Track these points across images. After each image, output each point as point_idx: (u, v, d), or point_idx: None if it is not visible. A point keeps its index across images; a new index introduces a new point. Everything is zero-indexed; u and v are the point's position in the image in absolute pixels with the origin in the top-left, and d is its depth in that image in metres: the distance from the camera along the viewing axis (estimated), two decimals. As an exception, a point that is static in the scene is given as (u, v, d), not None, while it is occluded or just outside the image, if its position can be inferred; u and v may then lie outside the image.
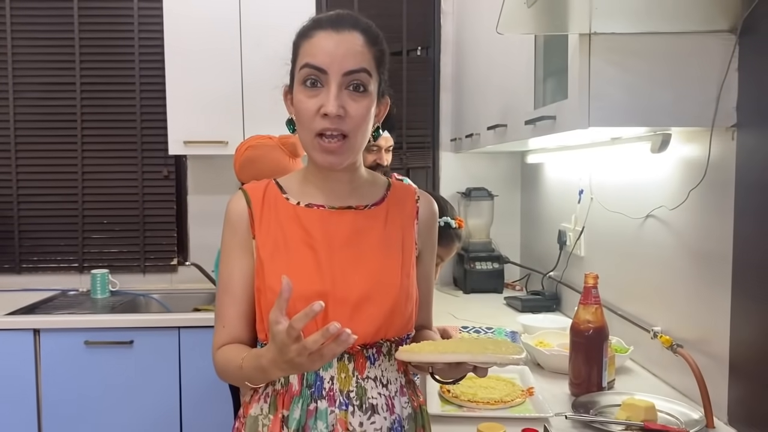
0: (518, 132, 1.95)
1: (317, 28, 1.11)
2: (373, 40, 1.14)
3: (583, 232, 2.33)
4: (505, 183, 3.27)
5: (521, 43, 1.93)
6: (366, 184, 1.25)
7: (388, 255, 1.19)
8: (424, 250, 1.28)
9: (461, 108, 3.01)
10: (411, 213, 1.25)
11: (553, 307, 2.62)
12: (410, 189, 1.29)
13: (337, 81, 1.09)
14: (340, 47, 1.09)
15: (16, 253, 3.24)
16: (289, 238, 1.17)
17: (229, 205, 1.21)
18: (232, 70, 2.86)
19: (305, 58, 1.10)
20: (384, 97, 1.20)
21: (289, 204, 1.20)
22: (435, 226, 1.30)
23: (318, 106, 1.09)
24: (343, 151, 1.12)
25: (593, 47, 1.42)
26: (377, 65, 1.14)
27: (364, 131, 1.14)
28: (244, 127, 2.88)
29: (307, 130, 1.12)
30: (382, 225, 1.21)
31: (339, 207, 1.20)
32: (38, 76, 3.19)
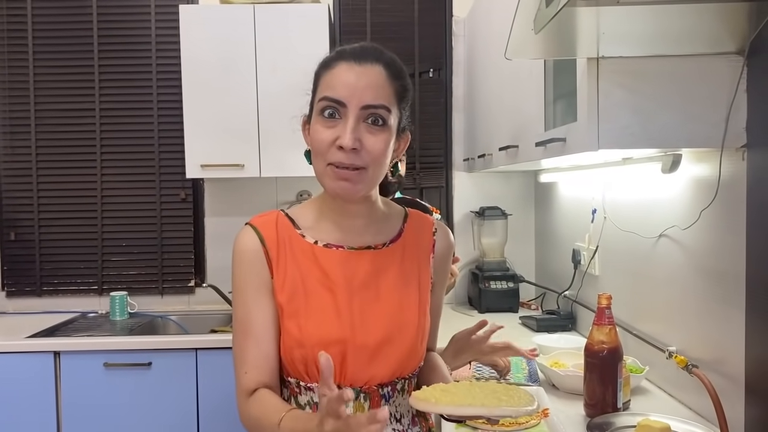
0: (529, 153, 1.97)
1: (339, 60, 1.10)
2: (395, 74, 1.12)
3: (597, 251, 2.33)
4: (518, 202, 3.28)
5: (531, 66, 1.95)
6: (383, 217, 1.23)
7: (405, 294, 1.19)
8: (437, 283, 1.28)
9: (473, 128, 3.03)
10: (427, 247, 1.25)
11: (568, 327, 2.61)
12: (427, 221, 1.28)
13: (355, 114, 1.07)
14: (360, 80, 1.07)
15: (37, 276, 3.29)
16: (307, 280, 1.14)
17: (238, 242, 1.17)
18: (247, 95, 2.91)
19: (325, 91, 1.09)
20: (405, 132, 1.19)
21: (305, 243, 1.17)
22: (450, 259, 1.30)
23: (334, 137, 1.07)
24: (358, 181, 1.09)
25: (601, 71, 1.44)
26: (398, 100, 1.12)
27: (381, 165, 1.11)
28: (259, 150, 2.93)
29: (320, 160, 1.10)
30: (399, 262, 1.20)
31: (358, 247, 1.17)
32: (59, 103, 3.26)
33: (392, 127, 1.12)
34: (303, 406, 1.15)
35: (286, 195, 3.31)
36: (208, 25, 2.91)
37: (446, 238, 1.29)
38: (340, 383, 1.11)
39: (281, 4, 2.92)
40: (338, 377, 1.11)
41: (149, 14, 3.26)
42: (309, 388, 1.14)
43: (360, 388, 1.13)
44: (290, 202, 3.30)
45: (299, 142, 1.21)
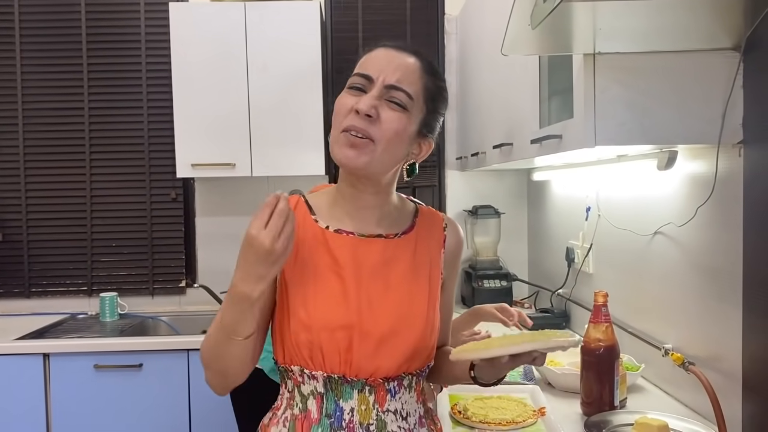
0: (524, 151, 1.96)
1: (380, 47, 1.14)
2: (429, 71, 1.15)
3: (591, 249, 2.33)
4: (511, 200, 3.27)
5: (526, 63, 1.94)
6: (395, 210, 1.22)
7: (416, 286, 1.18)
8: (448, 279, 1.27)
9: (466, 127, 3.02)
10: (438, 241, 1.24)
11: (562, 325, 2.61)
12: (437, 216, 1.28)
13: (379, 89, 1.09)
14: (392, 62, 1.11)
15: (25, 278, 3.25)
16: (316, 263, 1.14)
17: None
18: (238, 93, 2.89)
19: (358, 68, 1.13)
20: (428, 138, 1.18)
21: (317, 227, 1.17)
22: (460, 254, 1.30)
23: (353, 103, 1.09)
24: (364, 152, 1.08)
25: (598, 66, 1.43)
26: (426, 96, 1.14)
27: (393, 144, 1.10)
28: (251, 149, 2.90)
29: (336, 127, 1.11)
30: (411, 254, 1.19)
31: (369, 235, 1.17)
32: (47, 102, 3.23)
33: (412, 117, 1.12)
34: (306, 396, 1.14)
35: (278, 194, 3.28)
36: (198, 22, 2.88)
37: (456, 234, 1.28)
38: (346, 372, 1.11)
39: (272, 2, 2.89)
40: (343, 365, 1.11)
41: (139, 12, 3.23)
42: (313, 376, 1.13)
43: (365, 380, 1.12)
44: (282, 201, 3.27)
45: (291, 141, 1.20)
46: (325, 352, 1.10)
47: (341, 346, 1.10)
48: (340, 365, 1.11)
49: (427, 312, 1.17)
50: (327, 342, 1.10)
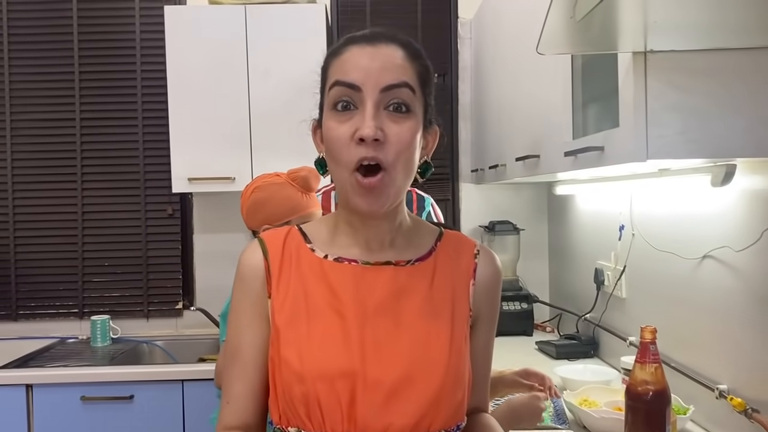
0: (554, 164, 1.76)
1: (348, 44, 0.95)
2: (414, 54, 0.96)
3: (625, 271, 2.12)
4: (530, 215, 3.06)
5: (555, 66, 1.74)
6: (410, 232, 1.03)
7: (434, 325, 0.97)
8: (482, 319, 1.04)
9: (483, 138, 2.82)
10: (466, 271, 1.03)
11: (590, 353, 2.39)
12: (468, 242, 1.07)
13: (373, 99, 0.90)
14: (375, 60, 0.92)
15: (12, 299, 3.05)
16: (312, 300, 0.96)
17: (241, 257, 1.02)
18: (239, 102, 2.70)
19: (335, 76, 0.93)
20: (432, 126, 1.00)
21: (314, 257, 1.00)
22: (497, 290, 1.06)
23: (352, 131, 0.90)
24: (383, 189, 0.91)
25: (650, 67, 1.23)
26: (421, 82, 0.95)
27: (408, 161, 0.93)
28: (252, 161, 2.71)
29: (341, 166, 0.92)
30: (428, 285, 0.99)
31: (375, 262, 0.99)
32: (36, 113, 3.04)
33: (418, 115, 0.94)
34: None
35: (281, 210, 3.08)
36: (195, 27, 2.69)
37: (492, 264, 1.05)
38: (350, 431, 0.91)
39: (275, 5, 2.71)
40: (347, 422, 0.90)
41: (133, 17, 3.04)
42: None
43: None
44: (285, 217, 3.07)
45: (295, 153, 1.00)
46: (323, 408, 0.90)
47: (342, 400, 0.90)
48: (342, 423, 0.90)
49: (449, 357, 0.95)
50: (325, 395, 0.90)
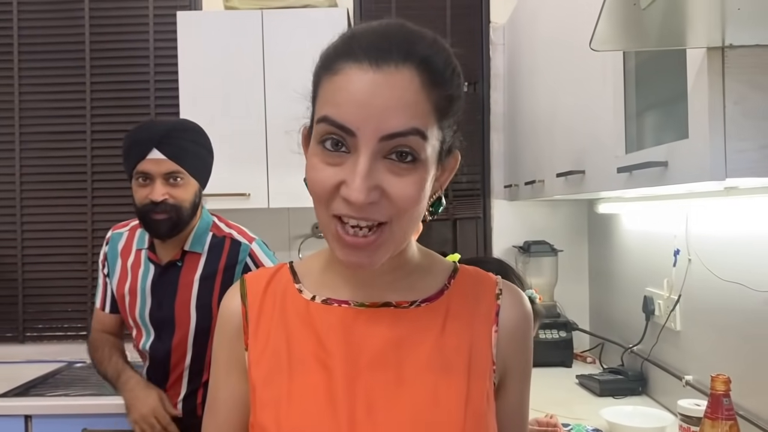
0: (603, 181, 1.54)
1: (348, 58, 0.71)
2: (434, 79, 0.71)
3: (680, 301, 1.88)
4: (568, 235, 2.82)
5: (604, 70, 1.53)
6: (418, 269, 0.84)
7: (446, 380, 0.77)
8: (511, 373, 0.84)
9: (517, 150, 2.60)
10: (487, 315, 0.83)
11: (638, 390, 2.15)
12: (488, 279, 0.87)
13: (370, 148, 0.69)
14: (378, 95, 0.68)
15: (19, 320, 2.92)
16: (295, 351, 0.80)
17: (222, 301, 0.88)
18: (254, 113, 2.53)
19: (325, 108, 0.71)
20: (450, 155, 0.79)
21: (300, 299, 0.83)
22: (527, 336, 0.86)
23: (337, 181, 0.70)
24: (375, 249, 0.73)
25: (728, 66, 1.01)
26: (439, 117, 0.72)
27: (413, 215, 0.74)
28: (268, 177, 2.54)
29: (321, 210, 0.74)
30: (438, 332, 0.80)
31: (371, 304, 0.80)
32: (46, 125, 2.92)
33: (429, 159, 0.72)
34: None
35: (300, 228, 2.90)
36: (209, 33, 2.54)
37: (519, 306, 0.85)
38: None
39: (293, 9, 2.54)
40: None
41: (147, 24, 2.90)
42: None
43: None
44: (304, 236, 2.89)
45: None
46: None
47: None
48: None
49: (465, 420, 0.75)
50: None
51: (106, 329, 1.86)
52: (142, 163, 1.60)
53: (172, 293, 1.71)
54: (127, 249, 1.79)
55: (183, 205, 1.64)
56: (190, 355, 1.73)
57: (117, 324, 1.86)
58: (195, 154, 1.67)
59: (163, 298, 1.72)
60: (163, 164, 1.60)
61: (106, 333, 1.86)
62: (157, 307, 1.72)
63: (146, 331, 1.75)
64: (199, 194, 1.71)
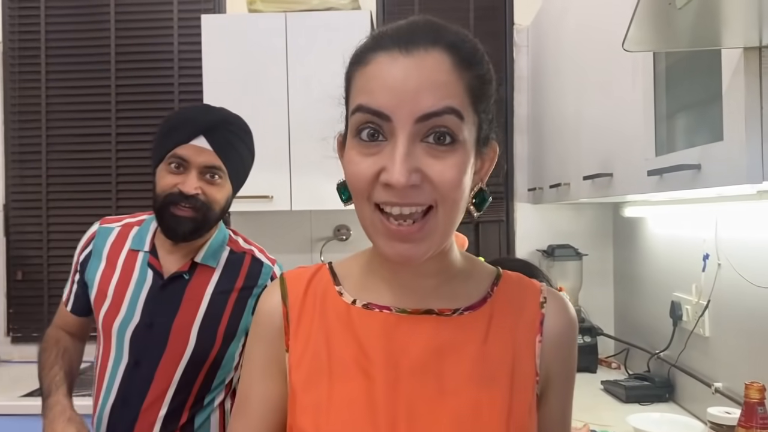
0: (632, 184, 1.51)
1: (377, 49, 0.72)
2: (465, 60, 0.71)
3: (709, 306, 1.84)
4: (593, 239, 2.79)
5: (633, 71, 1.50)
6: (460, 275, 0.82)
7: (488, 391, 0.76)
8: (554, 383, 0.82)
9: (542, 153, 2.58)
10: (531, 324, 0.81)
11: (665, 397, 2.12)
12: (531, 286, 0.85)
13: (407, 131, 0.68)
14: (410, 76, 0.68)
15: (44, 320, 2.94)
16: (335, 356, 0.78)
17: (261, 298, 0.86)
18: (277, 115, 2.53)
19: (359, 97, 0.71)
20: (489, 144, 0.77)
21: (341, 302, 0.81)
22: (572, 345, 0.84)
23: (376, 169, 0.70)
24: (422, 237, 0.71)
25: (766, 66, 0.99)
26: (473, 99, 0.72)
27: (457, 202, 0.71)
28: (290, 179, 2.54)
29: (363, 203, 0.73)
30: (480, 341, 0.78)
31: (413, 311, 0.78)
32: (72, 128, 2.95)
33: (468, 143, 0.71)
34: None
35: (322, 231, 2.90)
36: (233, 36, 2.54)
37: (563, 313, 0.83)
38: None
39: (316, 12, 2.54)
40: None
41: (171, 27, 2.93)
42: None
43: None
44: (326, 238, 2.89)
45: (337, 170, 0.79)
46: None
47: None
48: None
49: (507, 430, 0.74)
50: None
51: (67, 328, 1.57)
52: (182, 148, 1.36)
53: (172, 311, 1.42)
54: (116, 248, 1.49)
55: (213, 207, 1.40)
56: (172, 392, 1.41)
57: (80, 326, 1.58)
58: (240, 156, 1.46)
59: (158, 317, 1.42)
60: (204, 155, 1.37)
61: (66, 332, 1.57)
62: (146, 326, 1.41)
63: (118, 352, 1.42)
64: (230, 201, 1.48)
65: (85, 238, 1.55)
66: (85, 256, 1.52)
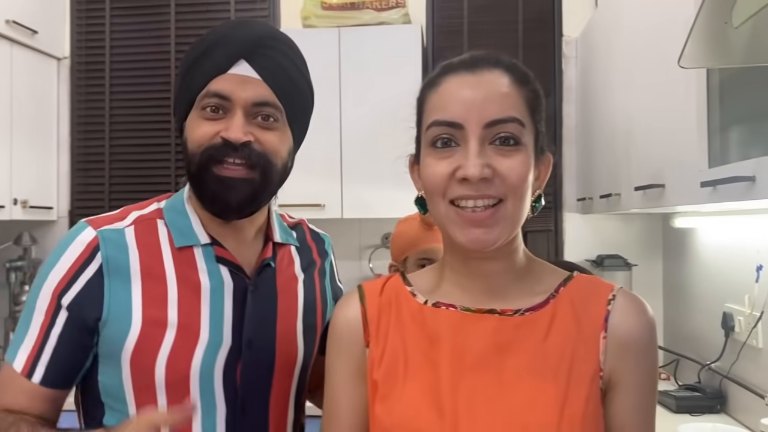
0: (684, 195, 1.53)
1: (446, 74, 0.85)
2: (521, 79, 0.84)
3: (762, 318, 1.84)
4: (642, 249, 2.78)
5: (687, 84, 1.52)
6: (527, 276, 0.88)
7: (544, 385, 0.80)
8: (623, 383, 0.83)
9: (591, 163, 2.59)
10: (595, 320, 0.84)
11: (717, 408, 2.11)
12: (602, 286, 0.87)
13: (477, 135, 0.80)
14: (478, 91, 0.81)
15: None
16: (409, 351, 0.86)
17: (335, 308, 0.94)
18: (330, 126, 2.61)
19: (433, 114, 0.83)
20: (544, 155, 0.87)
21: (414, 302, 0.89)
22: (645, 347, 0.84)
23: (452, 168, 0.81)
24: (494, 222, 0.80)
25: (821, 82, 1.01)
26: (531, 110, 0.83)
27: (523, 198, 0.82)
28: (342, 188, 2.61)
29: (439, 200, 0.83)
30: (540, 339, 0.83)
31: (477, 309, 0.85)
32: (133, 138, 3.08)
33: (529, 147, 0.83)
34: None
35: (371, 239, 2.97)
36: (288, 51, 2.63)
37: (634, 312, 0.84)
38: None
39: (369, 27, 2.62)
40: None
41: (228, 42, 3.04)
42: None
43: None
44: (375, 246, 2.95)
45: (388, 181, 0.89)
46: None
47: None
48: None
49: (559, 424, 0.78)
50: None
51: (29, 409, 0.94)
52: (218, 81, 0.95)
53: (271, 316, 1.02)
54: (151, 253, 0.98)
55: (274, 159, 0.98)
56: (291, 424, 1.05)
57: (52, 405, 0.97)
58: (299, 88, 1.03)
59: (258, 329, 0.99)
60: (251, 86, 0.96)
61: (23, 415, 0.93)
62: (246, 347, 0.97)
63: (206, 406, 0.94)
64: (293, 157, 1.07)
65: (72, 256, 0.95)
66: (87, 283, 0.94)
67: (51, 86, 3.05)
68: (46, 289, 0.95)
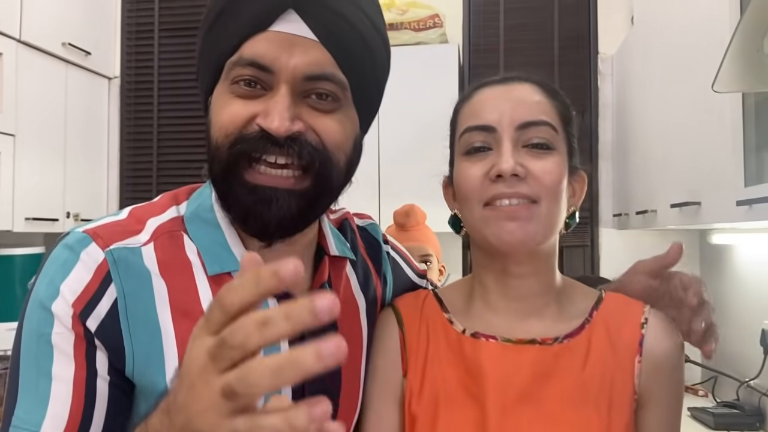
0: (721, 213, 1.56)
1: (479, 88, 0.88)
2: (552, 92, 0.87)
3: (801, 335, 1.84)
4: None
5: (722, 105, 1.55)
6: (562, 297, 0.87)
7: (586, 414, 0.80)
8: (652, 401, 0.84)
9: (627, 180, 2.61)
10: (630, 344, 0.84)
11: (756, 426, 2.10)
12: (634, 307, 0.87)
13: (510, 136, 0.81)
14: (510, 96, 0.84)
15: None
16: (449, 384, 0.84)
17: (375, 331, 0.92)
18: (367, 142, 2.66)
19: (465, 122, 0.85)
20: (578, 173, 0.88)
21: (452, 331, 0.87)
22: (675, 368, 0.85)
23: (486, 169, 0.81)
24: (529, 218, 0.79)
25: None
26: (563, 120, 0.85)
27: (557, 202, 0.82)
28: (379, 205, 2.67)
29: (473, 204, 0.83)
30: (579, 368, 0.82)
31: (517, 340, 0.84)
32: (180, 154, 3.20)
33: (562, 153, 0.84)
34: None
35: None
36: (329, 70, 2.72)
37: (667, 335, 0.85)
38: None
39: (407, 46, 2.69)
40: None
41: (271, 62, 3.14)
42: None
43: None
44: (413, 260, 3.00)
45: (424, 196, 0.93)
46: None
47: None
48: None
49: None
50: None
51: None
52: (256, 41, 0.69)
53: None
54: (179, 283, 0.73)
55: (335, 156, 0.75)
56: None
57: None
58: (372, 52, 0.77)
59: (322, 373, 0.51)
60: (304, 50, 0.69)
61: None
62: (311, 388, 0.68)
63: None
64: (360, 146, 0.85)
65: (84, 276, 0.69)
66: (100, 326, 0.67)
67: (102, 104, 3.19)
68: (59, 310, 0.65)
